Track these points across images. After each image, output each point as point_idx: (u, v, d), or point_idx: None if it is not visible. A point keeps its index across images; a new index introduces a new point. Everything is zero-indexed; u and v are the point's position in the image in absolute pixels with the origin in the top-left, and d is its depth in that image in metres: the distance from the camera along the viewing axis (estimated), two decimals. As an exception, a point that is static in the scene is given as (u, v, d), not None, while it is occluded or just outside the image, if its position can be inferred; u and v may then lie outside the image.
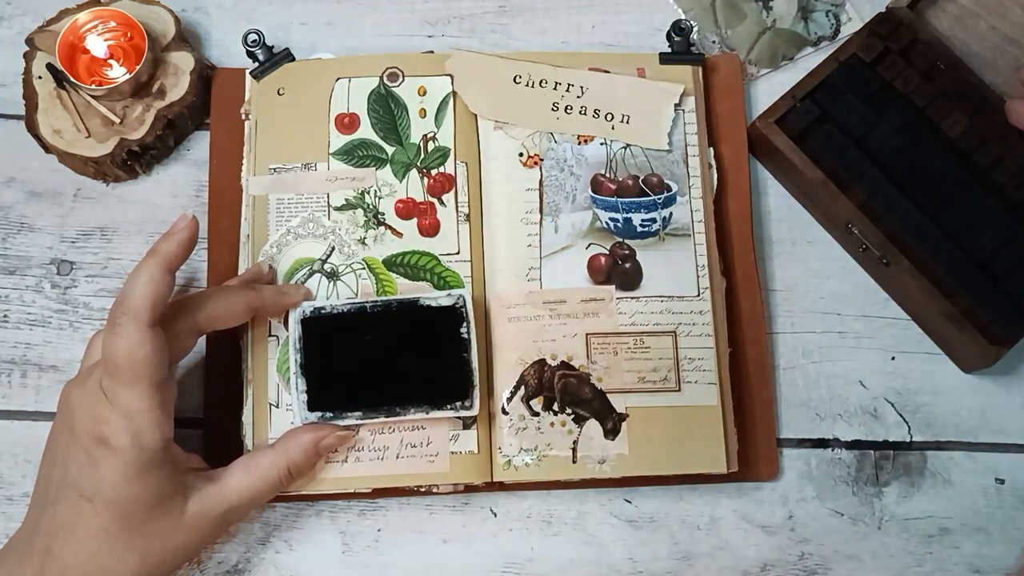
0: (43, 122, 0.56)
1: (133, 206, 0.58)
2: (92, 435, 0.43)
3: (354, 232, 0.55)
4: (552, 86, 0.57)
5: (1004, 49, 0.58)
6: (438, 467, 0.51)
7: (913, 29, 0.59)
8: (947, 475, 0.56)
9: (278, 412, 0.52)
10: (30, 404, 0.55)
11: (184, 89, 0.57)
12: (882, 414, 0.57)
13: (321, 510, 0.54)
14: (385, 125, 0.56)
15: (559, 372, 0.53)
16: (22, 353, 0.56)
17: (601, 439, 0.52)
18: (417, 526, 0.54)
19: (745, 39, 0.62)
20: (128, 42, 0.57)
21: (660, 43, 0.60)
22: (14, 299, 0.56)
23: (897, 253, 0.56)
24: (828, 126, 0.58)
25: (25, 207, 0.58)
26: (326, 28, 0.62)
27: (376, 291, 0.54)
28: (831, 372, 0.57)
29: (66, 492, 0.44)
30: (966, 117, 0.57)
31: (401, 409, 0.50)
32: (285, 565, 0.53)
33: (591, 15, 0.63)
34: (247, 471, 0.48)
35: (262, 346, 0.52)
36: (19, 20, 0.61)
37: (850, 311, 0.58)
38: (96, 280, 0.57)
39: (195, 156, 0.59)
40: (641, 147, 0.57)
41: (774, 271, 0.59)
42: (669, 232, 0.56)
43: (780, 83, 0.61)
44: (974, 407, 0.57)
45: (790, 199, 0.60)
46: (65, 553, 0.44)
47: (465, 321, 0.50)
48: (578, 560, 0.54)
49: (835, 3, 0.63)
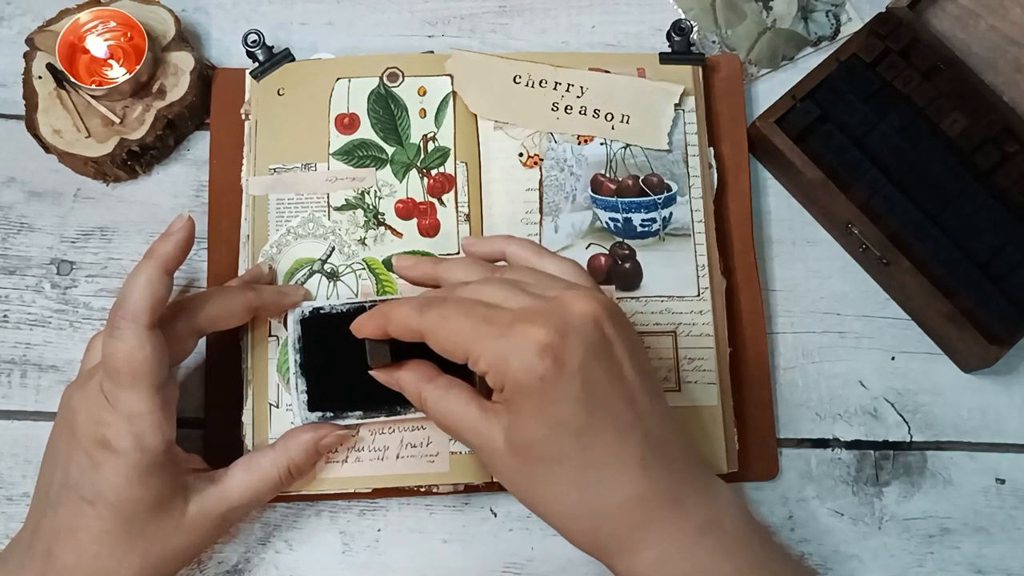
0: (43, 122, 0.56)
1: (133, 206, 0.58)
2: (93, 438, 0.43)
3: (354, 232, 0.55)
4: (552, 86, 0.57)
5: (1004, 49, 0.58)
6: (438, 467, 0.51)
7: (913, 29, 0.59)
8: (947, 475, 0.56)
9: (278, 412, 0.52)
10: (30, 404, 0.55)
11: (184, 89, 0.57)
12: (882, 414, 0.57)
13: (321, 510, 0.54)
14: (385, 125, 0.56)
15: (559, 372, 0.53)
16: (22, 353, 0.56)
17: (601, 439, 0.52)
18: (417, 526, 0.54)
19: (745, 39, 0.62)
20: (128, 42, 0.57)
21: (660, 43, 0.60)
22: (14, 299, 0.56)
23: (897, 253, 0.56)
24: (828, 126, 0.58)
25: (25, 207, 0.58)
26: (326, 28, 0.62)
27: (376, 291, 0.54)
28: (831, 372, 0.57)
29: (67, 495, 0.44)
30: (966, 117, 0.57)
31: (401, 409, 0.50)
32: (285, 565, 0.53)
33: (591, 15, 0.63)
34: (248, 471, 0.48)
35: (262, 346, 0.52)
36: (19, 20, 0.61)
37: (850, 311, 0.58)
38: (96, 280, 0.57)
39: (195, 156, 0.59)
40: (641, 147, 0.57)
41: (774, 271, 0.59)
42: (669, 232, 0.56)
43: (780, 83, 0.61)
44: (974, 407, 0.57)
45: (790, 199, 0.60)
46: (66, 556, 0.44)
47: (465, 321, 0.50)
48: (578, 560, 0.54)
49: (835, 3, 0.63)
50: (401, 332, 0.43)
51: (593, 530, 0.41)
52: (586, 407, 0.40)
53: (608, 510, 0.41)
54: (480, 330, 0.40)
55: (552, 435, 0.40)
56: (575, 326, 0.40)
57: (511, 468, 0.42)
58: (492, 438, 0.41)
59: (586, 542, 0.42)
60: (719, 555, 0.41)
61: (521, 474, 0.42)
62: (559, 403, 0.39)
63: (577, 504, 0.41)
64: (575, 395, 0.39)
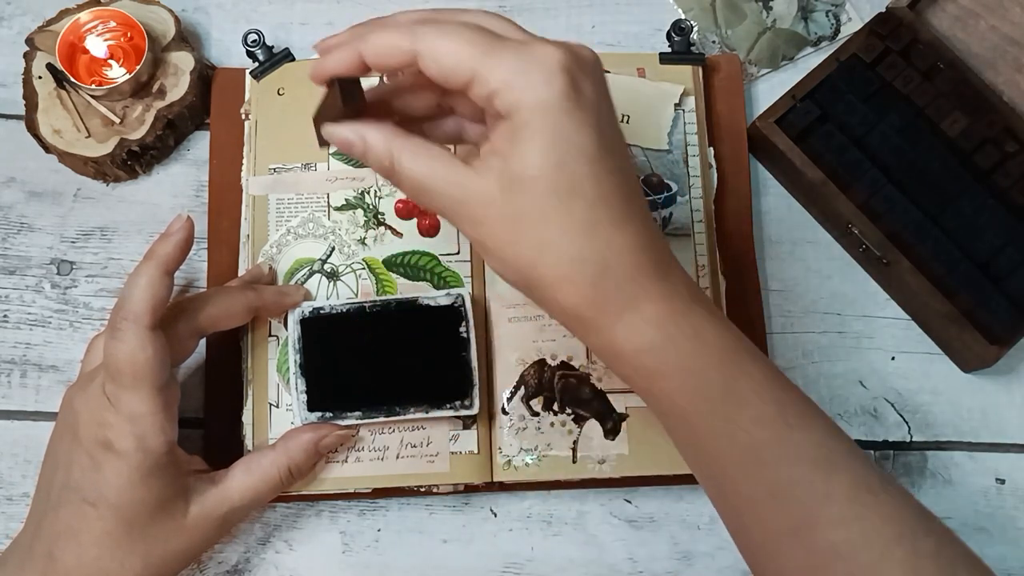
0: (43, 122, 0.56)
1: (133, 206, 0.58)
2: (96, 439, 0.43)
3: (354, 232, 0.55)
4: (552, 86, 0.57)
5: (1004, 49, 0.58)
6: (438, 467, 0.51)
7: (913, 29, 0.59)
8: (947, 475, 0.56)
9: (278, 412, 0.52)
10: (30, 404, 0.55)
11: (184, 89, 0.57)
12: (882, 414, 0.57)
13: (321, 510, 0.54)
14: (385, 125, 0.56)
15: (559, 372, 0.53)
16: (22, 353, 0.56)
17: (601, 439, 0.52)
18: (417, 526, 0.54)
19: (745, 39, 0.62)
20: (128, 42, 0.57)
21: (660, 43, 0.60)
22: (14, 299, 0.56)
23: (897, 253, 0.56)
24: (828, 126, 0.58)
25: (25, 207, 0.58)
26: (326, 28, 0.62)
27: (376, 291, 0.54)
28: (831, 372, 0.57)
29: (69, 496, 0.44)
30: (966, 117, 0.57)
31: (401, 409, 0.50)
32: (285, 565, 0.53)
33: (591, 15, 0.63)
34: (248, 472, 0.48)
35: (262, 347, 0.52)
36: (19, 20, 0.61)
37: (850, 311, 0.58)
38: (96, 280, 0.57)
39: (195, 156, 0.59)
40: (641, 147, 0.57)
41: (774, 271, 0.59)
42: (669, 232, 0.56)
43: (780, 83, 0.61)
44: (974, 407, 0.57)
45: (790, 199, 0.60)
46: (67, 558, 0.44)
47: (464, 320, 0.50)
48: (578, 560, 0.54)
49: (835, 3, 0.63)
50: (384, 55, 0.38)
51: (598, 276, 0.38)
52: (600, 139, 0.37)
53: (618, 255, 0.38)
54: (492, 46, 0.36)
55: (569, 161, 0.36)
56: (586, 61, 0.38)
57: (504, 217, 0.37)
58: (481, 188, 0.37)
59: (584, 298, 0.38)
60: (713, 322, 0.40)
61: (517, 221, 0.37)
62: (578, 128, 0.36)
63: (584, 245, 0.37)
64: (592, 123, 0.37)
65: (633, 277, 0.38)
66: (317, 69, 0.39)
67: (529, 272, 0.38)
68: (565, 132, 0.36)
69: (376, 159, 0.39)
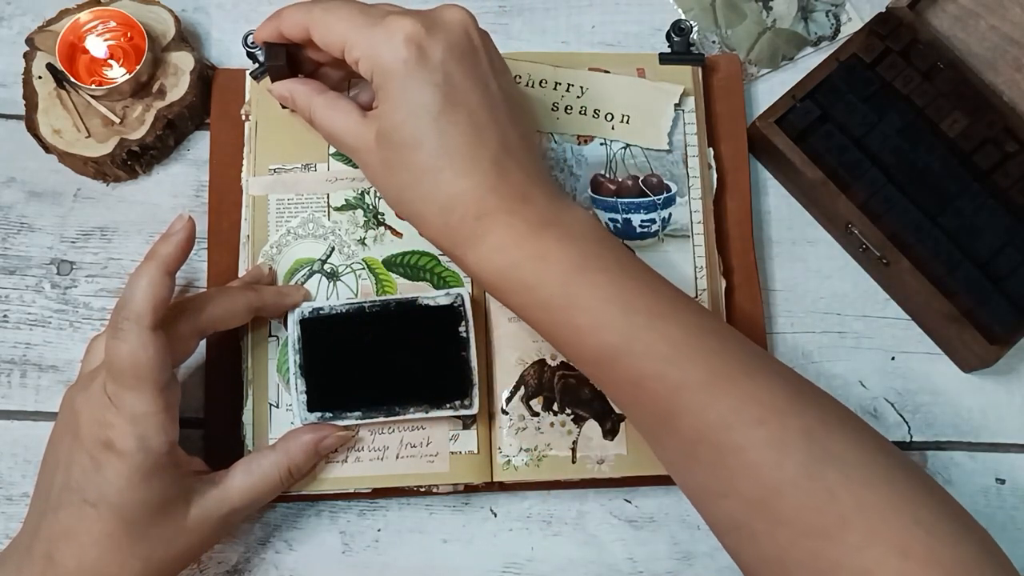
0: (43, 122, 0.56)
1: (133, 206, 0.58)
2: (97, 440, 0.43)
3: (354, 232, 0.55)
4: (552, 86, 0.57)
5: (1004, 49, 0.58)
6: (438, 467, 0.51)
7: (913, 29, 0.59)
8: (947, 475, 0.56)
9: (278, 412, 0.52)
10: (30, 404, 0.55)
11: (184, 89, 0.57)
12: (882, 414, 0.57)
13: (321, 510, 0.54)
14: (385, 125, 0.56)
15: (559, 372, 0.53)
16: (22, 353, 0.56)
17: (600, 439, 0.52)
18: (417, 526, 0.54)
19: (745, 39, 0.62)
20: (128, 42, 0.57)
21: (660, 43, 0.60)
22: (14, 299, 0.56)
23: (897, 253, 0.56)
24: (828, 126, 0.58)
25: (25, 207, 0.58)
26: (326, 28, 0.62)
27: (376, 291, 0.54)
28: (831, 372, 0.57)
29: (69, 497, 0.44)
30: (966, 117, 0.57)
31: (401, 409, 0.50)
32: (285, 565, 0.53)
33: (591, 15, 0.63)
34: (248, 473, 0.48)
35: (262, 347, 0.52)
36: (19, 20, 0.61)
37: (850, 311, 0.58)
38: (96, 280, 0.57)
39: (195, 156, 0.59)
40: (641, 147, 0.57)
41: (774, 271, 0.59)
42: (668, 233, 0.56)
43: (780, 83, 0.61)
44: (974, 407, 0.57)
45: (790, 199, 0.60)
46: (67, 559, 0.43)
47: (464, 320, 0.50)
48: (578, 560, 0.54)
49: (835, 3, 0.63)
50: (292, 28, 0.47)
51: (445, 214, 0.44)
52: (444, 96, 0.43)
53: (460, 196, 0.44)
54: (357, 20, 0.44)
55: (412, 118, 0.43)
56: (442, 26, 0.44)
57: (379, 161, 0.45)
58: (366, 136, 0.46)
59: (440, 232, 0.45)
60: (562, 243, 0.44)
61: (386, 164, 0.45)
62: (420, 88, 0.43)
63: (432, 187, 0.44)
64: (435, 83, 0.43)
65: (478, 215, 0.44)
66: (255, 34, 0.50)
67: (401, 209, 0.47)
68: (408, 92, 0.43)
69: (301, 111, 0.50)
